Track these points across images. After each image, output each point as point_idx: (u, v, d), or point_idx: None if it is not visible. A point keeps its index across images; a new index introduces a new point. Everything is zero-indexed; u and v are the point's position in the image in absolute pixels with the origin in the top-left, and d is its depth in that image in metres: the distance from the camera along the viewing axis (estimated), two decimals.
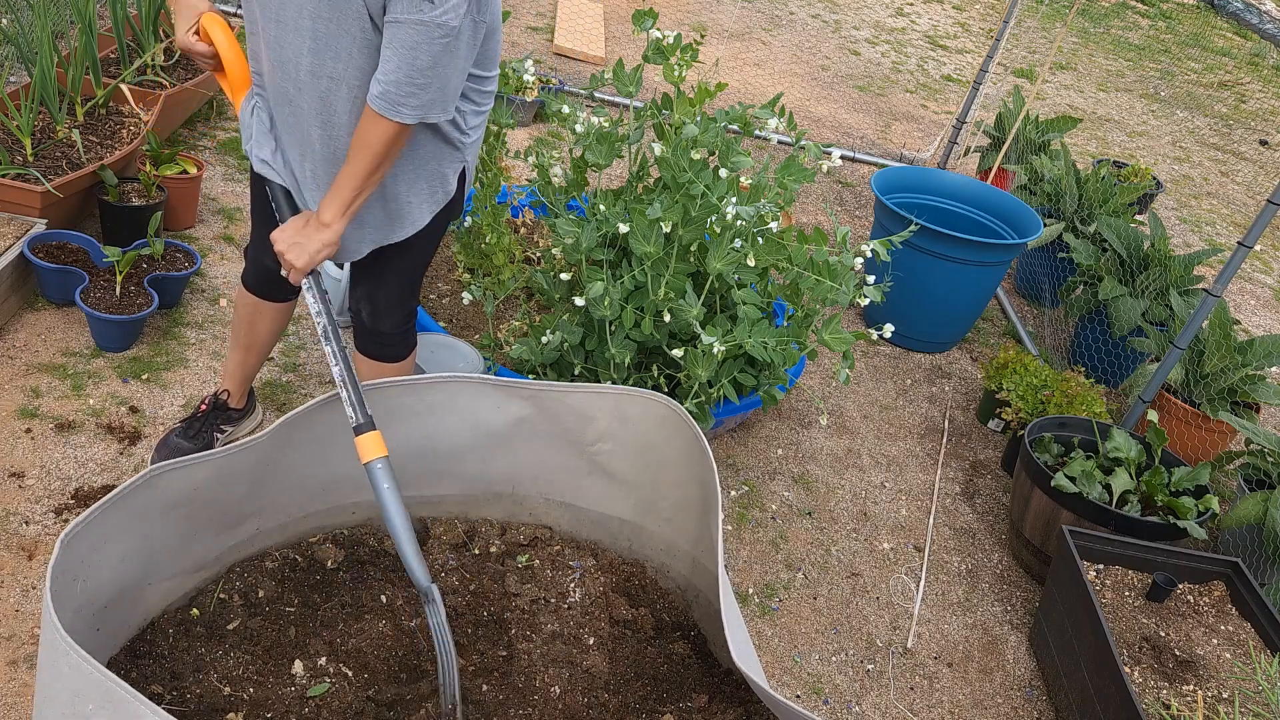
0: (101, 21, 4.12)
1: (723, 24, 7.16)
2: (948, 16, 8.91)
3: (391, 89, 1.82)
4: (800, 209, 4.89)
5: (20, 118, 3.13)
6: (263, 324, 2.52)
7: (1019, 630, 2.92)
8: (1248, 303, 5.34)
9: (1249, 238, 3.05)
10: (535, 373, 2.86)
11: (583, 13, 6.43)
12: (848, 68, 7.02)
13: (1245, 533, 3.10)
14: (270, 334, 2.56)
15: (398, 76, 1.81)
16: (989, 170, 5.12)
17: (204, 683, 1.68)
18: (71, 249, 3.07)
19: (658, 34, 2.75)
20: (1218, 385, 3.58)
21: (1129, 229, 4.14)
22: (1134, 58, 9.14)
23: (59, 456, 2.57)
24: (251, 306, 2.48)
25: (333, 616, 1.86)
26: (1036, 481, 2.99)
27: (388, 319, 2.31)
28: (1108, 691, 2.37)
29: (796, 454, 3.36)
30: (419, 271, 2.29)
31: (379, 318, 2.30)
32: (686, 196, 2.51)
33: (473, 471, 2.06)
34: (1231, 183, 6.91)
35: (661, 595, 2.10)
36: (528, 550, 2.06)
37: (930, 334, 4.09)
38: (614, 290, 2.53)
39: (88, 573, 1.53)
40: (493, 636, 1.92)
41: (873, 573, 2.98)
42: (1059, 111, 7.18)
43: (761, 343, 2.56)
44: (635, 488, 2.05)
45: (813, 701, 2.53)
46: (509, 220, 3.68)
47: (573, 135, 2.80)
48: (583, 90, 5.21)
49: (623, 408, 1.96)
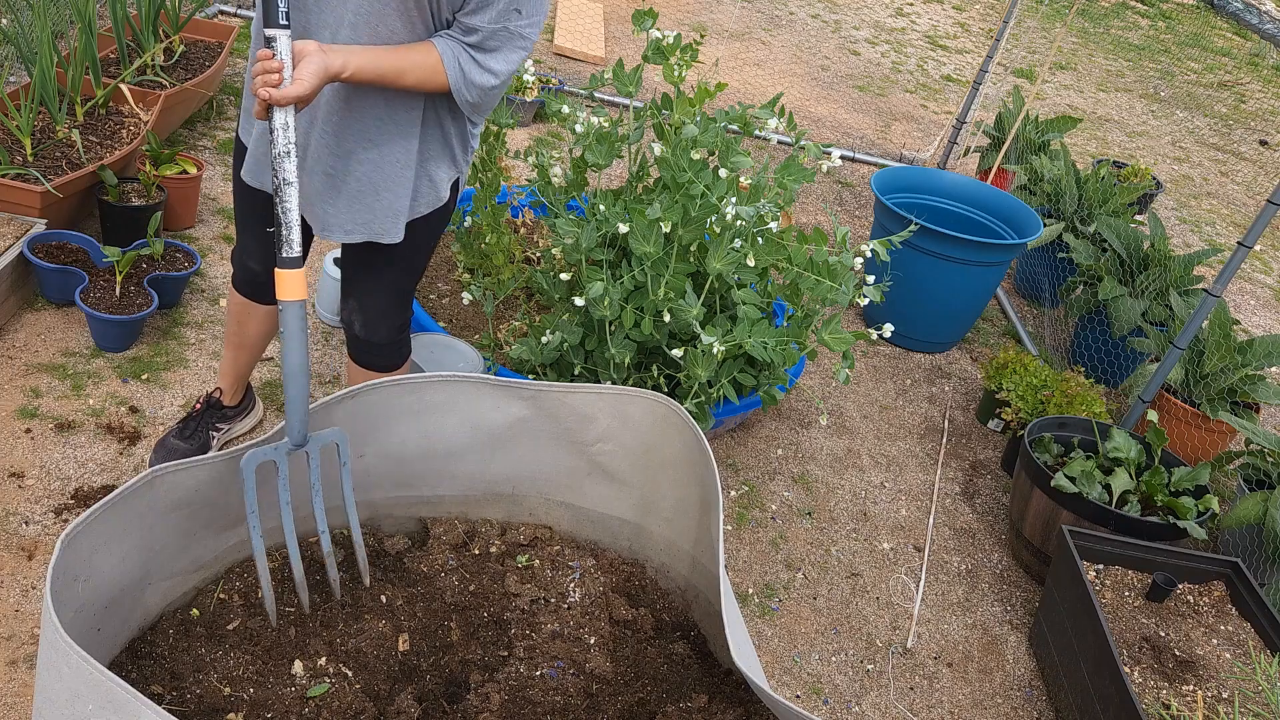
0: (101, 21, 4.12)
1: (723, 24, 7.16)
2: (948, 16, 8.91)
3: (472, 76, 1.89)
4: (800, 209, 4.89)
5: (20, 118, 3.13)
6: (253, 324, 2.51)
7: (1019, 630, 2.92)
8: (1248, 303, 5.34)
9: (1249, 238, 3.05)
10: (535, 373, 2.86)
11: (583, 13, 6.43)
12: (847, 68, 7.01)
13: (1245, 533, 3.10)
14: (261, 334, 2.55)
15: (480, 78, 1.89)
16: (989, 170, 5.12)
17: (204, 683, 1.68)
18: (71, 249, 3.07)
19: (658, 34, 2.75)
20: (1218, 385, 3.58)
21: (1129, 229, 4.14)
22: (1134, 58, 9.14)
23: (59, 456, 2.57)
24: (241, 307, 2.48)
25: (333, 616, 1.86)
26: (1036, 481, 2.99)
27: (379, 330, 2.29)
28: (1107, 691, 2.37)
29: (796, 454, 3.36)
30: (410, 282, 2.28)
31: (371, 329, 2.29)
32: (686, 196, 2.51)
33: (473, 471, 2.06)
34: (1231, 183, 6.91)
35: (661, 595, 2.10)
36: (528, 550, 2.06)
37: (930, 334, 4.09)
38: (614, 290, 2.53)
39: (88, 573, 1.53)
40: (493, 636, 1.92)
41: (873, 573, 2.98)
42: (1059, 111, 7.18)
43: (761, 343, 2.56)
44: (635, 488, 2.05)
45: (813, 701, 2.53)
46: (509, 220, 3.68)
47: (572, 135, 2.80)
48: (583, 90, 5.21)
49: (623, 408, 1.96)
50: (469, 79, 1.90)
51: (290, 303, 1.70)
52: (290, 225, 1.69)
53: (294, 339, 1.70)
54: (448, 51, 1.87)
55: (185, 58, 4.09)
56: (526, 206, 3.70)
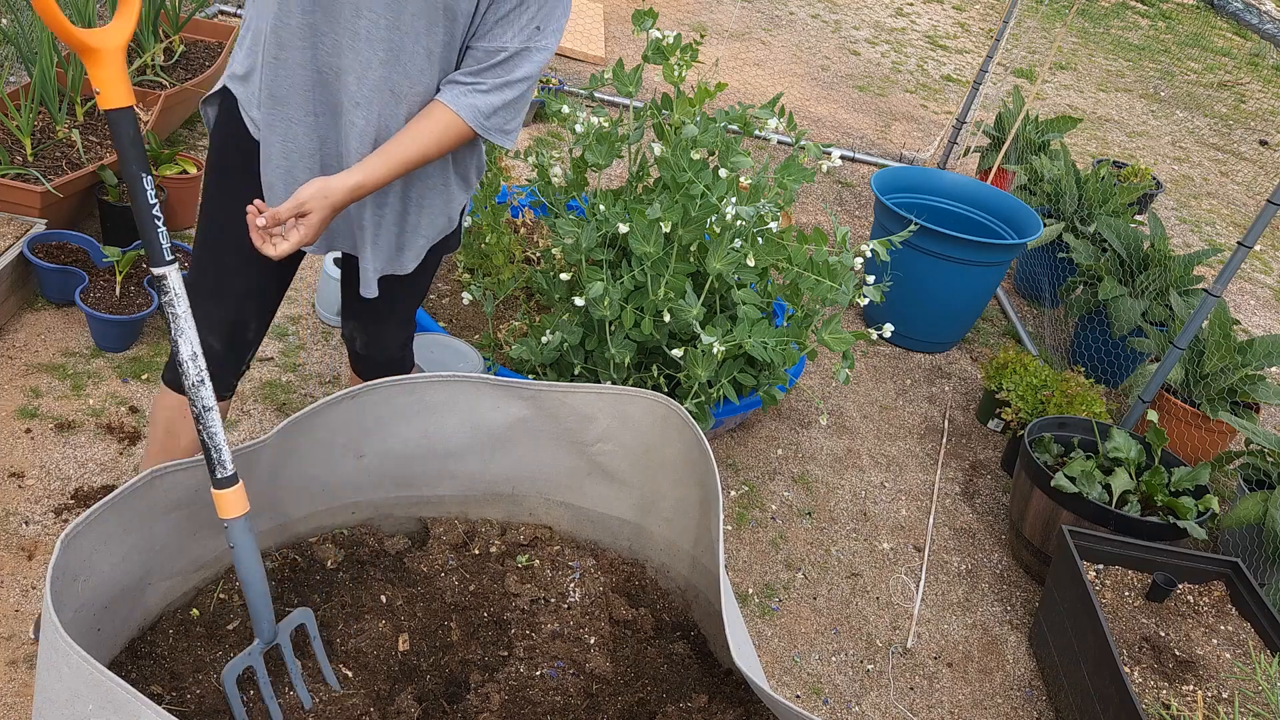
0: (101, 21, 4.12)
1: (723, 24, 7.16)
2: (947, 16, 8.91)
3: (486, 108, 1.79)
4: (800, 209, 4.89)
5: (20, 118, 3.13)
6: (188, 433, 2.05)
7: (1019, 630, 2.92)
8: (1248, 303, 5.34)
9: (1249, 238, 3.05)
10: (535, 373, 2.86)
11: (583, 13, 6.44)
12: (847, 68, 7.01)
13: (1245, 533, 3.10)
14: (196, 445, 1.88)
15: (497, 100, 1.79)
16: (989, 170, 5.12)
17: (204, 683, 1.68)
18: (71, 249, 3.07)
19: (657, 34, 2.75)
20: (1217, 385, 3.58)
21: (1129, 229, 4.14)
22: (1134, 58, 9.14)
23: (59, 456, 2.57)
24: (176, 410, 2.05)
25: (333, 616, 1.86)
26: (1036, 481, 2.99)
27: (383, 350, 2.22)
28: (1107, 691, 2.37)
29: (796, 454, 3.36)
30: (417, 303, 2.21)
31: (374, 347, 2.21)
32: (686, 196, 2.51)
33: (473, 471, 2.06)
34: (1231, 183, 6.91)
35: (661, 595, 2.10)
36: (528, 550, 2.06)
37: (930, 334, 4.09)
38: (614, 290, 2.53)
39: (88, 573, 1.53)
40: (493, 636, 1.92)
41: (873, 573, 2.98)
42: (1059, 111, 7.18)
43: (761, 343, 2.56)
44: (635, 488, 2.05)
45: (813, 701, 2.53)
46: (509, 220, 3.68)
47: (573, 135, 2.80)
48: (583, 90, 5.21)
49: (623, 408, 1.96)
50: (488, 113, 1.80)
51: (233, 520, 1.58)
52: (219, 446, 1.55)
53: (245, 551, 1.60)
54: (455, 99, 1.78)
55: (185, 58, 4.09)
56: (526, 206, 3.70)
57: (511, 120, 1.85)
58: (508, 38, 1.76)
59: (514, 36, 1.76)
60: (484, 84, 1.79)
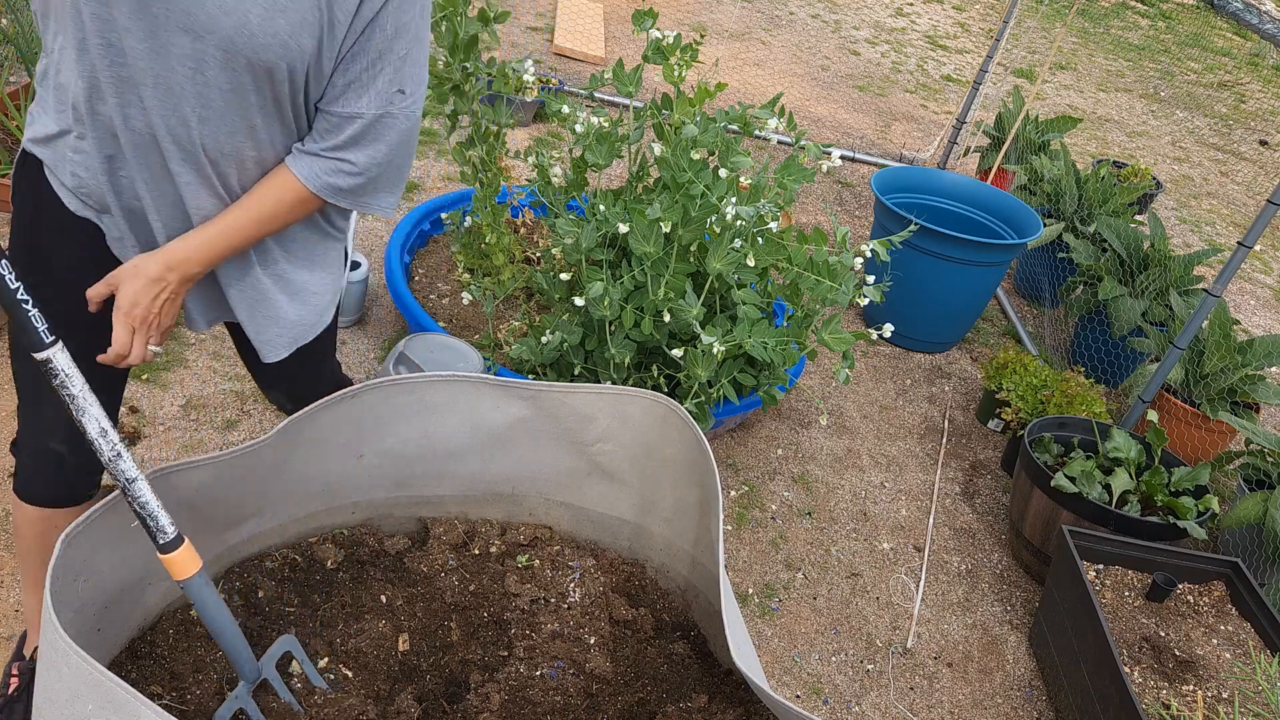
0: None
1: (723, 24, 7.16)
2: (947, 16, 8.91)
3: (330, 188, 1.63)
4: (800, 209, 4.89)
5: (20, 118, 3.13)
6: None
7: (1019, 630, 2.92)
8: (1248, 303, 5.34)
9: (1249, 238, 3.05)
10: (535, 373, 2.86)
11: (583, 13, 6.43)
12: (847, 68, 7.01)
13: (1245, 533, 3.10)
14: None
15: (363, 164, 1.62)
16: (989, 170, 5.12)
17: (204, 683, 1.68)
18: None
19: (657, 34, 2.75)
20: (1217, 385, 3.58)
21: (1129, 229, 4.14)
22: (1134, 58, 9.14)
23: None
24: (41, 523, 1.88)
25: (333, 616, 1.87)
26: (1036, 481, 2.99)
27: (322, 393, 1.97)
28: (1107, 691, 2.37)
29: (796, 454, 3.36)
30: (332, 348, 2.08)
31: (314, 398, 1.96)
32: (686, 196, 2.51)
33: (472, 471, 2.06)
34: (1231, 183, 6.91)
35: (661, 595, 2.11)
36: (528, 550, 2.06)
37: (930, 334, 4.09)
38: (614, 290, 2.54)
39: (88, 573, 1.53)
40: (493, 636, 1.92)
41: (873, 573, 2.98)
42: (1059, 111, 7.18)
43: (761, 343, 2.56)
44: (635, 488, 2.05)
45: (813, 701, 2.53)
46: (509, 220, 3.68)
47: (573, 135, 2.80)
48: (583, 90, 5.21)
49: (623, 408, 1.96)
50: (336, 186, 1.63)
51: (189, 579, 1.50)
52: (154, 514, 1.45)
53: (208, 604, 1.53)
54: (302, 166, 1.61)
55: None
56: (526, 206, 3.70)
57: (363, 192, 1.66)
58: (363, 104, 1.56)
59: (370, 102, 1.56)
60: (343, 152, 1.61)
